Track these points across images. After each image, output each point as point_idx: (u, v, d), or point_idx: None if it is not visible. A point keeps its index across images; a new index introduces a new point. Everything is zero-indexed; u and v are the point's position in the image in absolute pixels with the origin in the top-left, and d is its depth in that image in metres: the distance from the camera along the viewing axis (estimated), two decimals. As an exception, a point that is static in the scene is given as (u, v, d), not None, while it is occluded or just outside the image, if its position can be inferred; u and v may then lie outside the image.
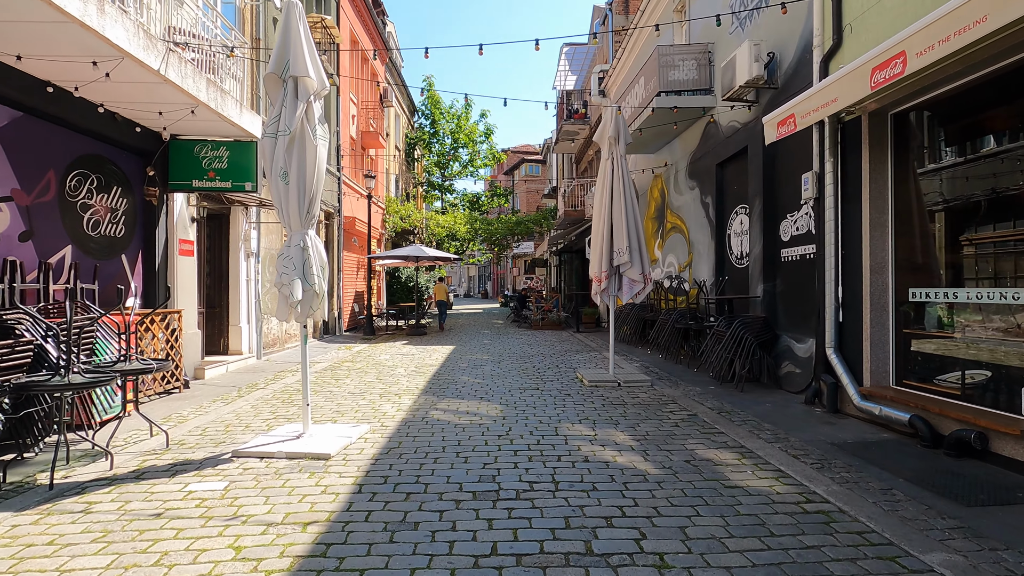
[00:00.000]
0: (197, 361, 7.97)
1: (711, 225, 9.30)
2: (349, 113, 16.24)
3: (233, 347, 9.50)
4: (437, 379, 7.91)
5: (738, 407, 5.95)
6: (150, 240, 7.30)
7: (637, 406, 6.08)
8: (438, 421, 5.44)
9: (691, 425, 5.25)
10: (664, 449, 4.49)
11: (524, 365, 9.25)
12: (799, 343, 6.57)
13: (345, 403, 6.33)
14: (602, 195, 7.62)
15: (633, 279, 7.47)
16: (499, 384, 7.48)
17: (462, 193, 28.85)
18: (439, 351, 11.31)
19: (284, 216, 4.62)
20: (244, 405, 6.27)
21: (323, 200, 13.70)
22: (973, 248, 4.65)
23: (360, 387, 7.34)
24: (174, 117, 6.40)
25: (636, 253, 7.39)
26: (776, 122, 5.47)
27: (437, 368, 8.97)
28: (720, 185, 9.07)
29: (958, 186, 4.80)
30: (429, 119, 26.94)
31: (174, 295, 7.55)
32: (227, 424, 5.42)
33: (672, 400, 6.38)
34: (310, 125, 4.59)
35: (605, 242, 7.51)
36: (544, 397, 6.58)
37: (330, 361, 9.88)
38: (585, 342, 12.96)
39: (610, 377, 7.48)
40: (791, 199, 6.98)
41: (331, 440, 4.59)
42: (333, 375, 8.33)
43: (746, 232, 8.21)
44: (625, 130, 7.57)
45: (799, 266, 6.75)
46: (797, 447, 4.52)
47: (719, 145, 8.91)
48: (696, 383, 7.37)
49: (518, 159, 49.03)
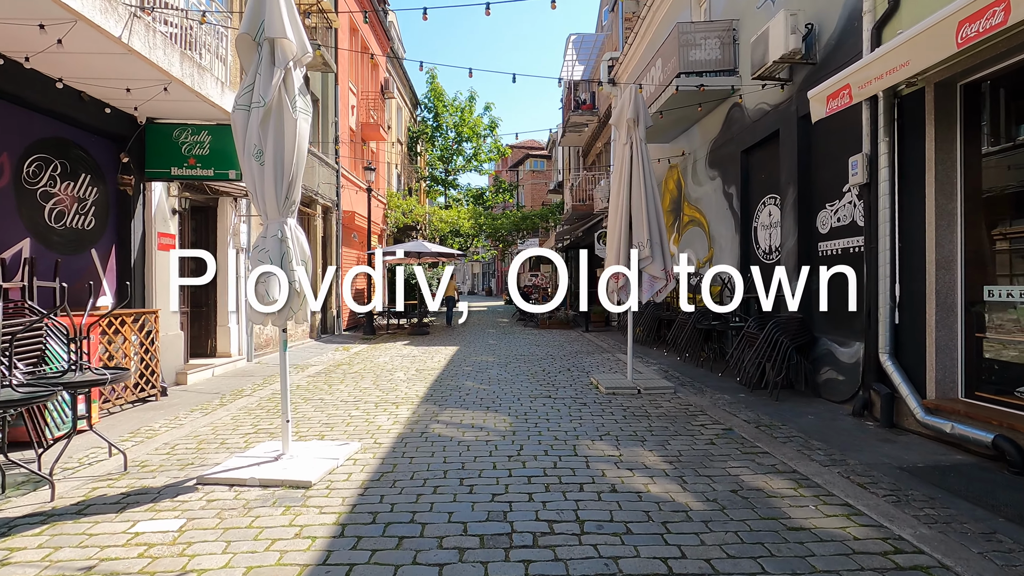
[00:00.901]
0: (179, 365, 7.34)
1: (735, 217, 8.60)
2: (348, 103, 15.59)
3: (221, 349, 8.88)
4: (439, 385, 7.26)
5: (777, 420, 5.28)
6: (125, 233, 6.66)
7: (663, 418, 5.41)
8: (439, 437, 4.78)
9: (728, 443, 4.58)
10: (703, 475, 3.83)
11: (533, 368, 8.59)
12: (842, 347, 5.89)
13: (336, 414, 5.68)
14: (619, 184, 6.95)
15: (654, 276, 6.80)
16: (507, 391, 6.82)
17: (466, 188, 28.18)
18: (442, 352, 10.67)
19: (259, 202, 3.97)
20: (224, 416, 5.64)
21: (320, 193, 13.08)
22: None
23: (355, 394, 6.69)
24: (145, 95, 5.75)
25: (658, 247, 6.72)
26: (826, 95, 4.78)
27: (439, 372, 8.32)
28: (746, 174, 8.37)
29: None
30: (432, 112, 26.25)
31: (152, 293, 6.91)
32: (200, 440, 4.78)
33: (700, 410, 5.71)
34: (289, 96, 3.93)
35: (623, 236, 6.84)
36: (557, 407, 5.92)
37: (325, 364, 9.25)
38: (596, 342, 12.29)
39: (629, 383, 6.81)
40: (831, 187, 6.29)
41: (314, 463, 3.94)
42: (327, 380, 7.69)
43: (776, 224, 7.52)
44: (645, 111, 6.88)
45: (842, 261, 6.06)
46: (860, 472, 3.84)
47: (745, 130, 8.21)
48: (723, 390, 6.70)
49: (522, 155, 48.27)
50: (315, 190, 12.68)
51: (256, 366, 8.93)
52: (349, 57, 15.93)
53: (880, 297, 5.08)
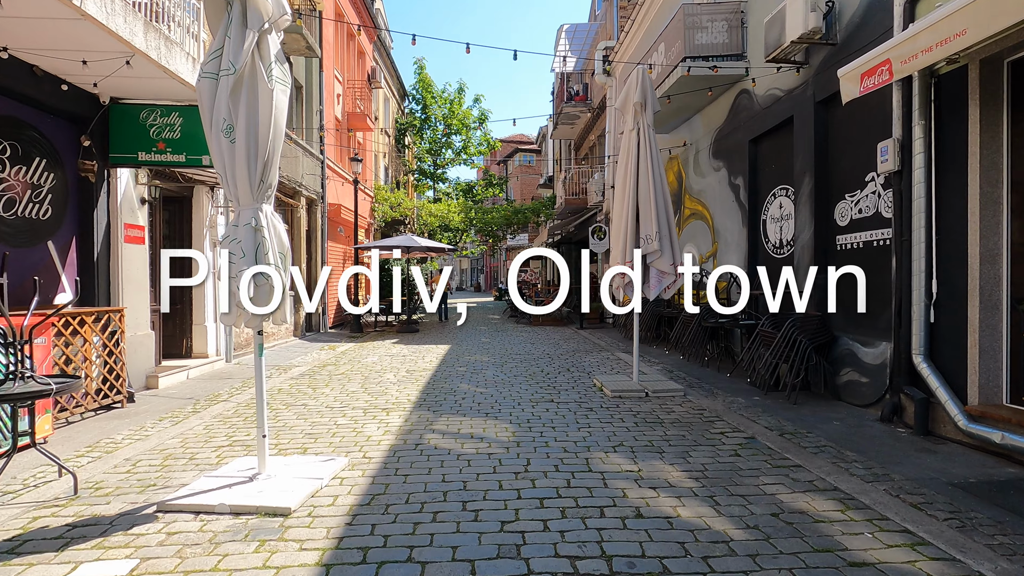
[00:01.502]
0: (149, 367, 6.78)
1: (742, 210, 8.20)
2: (334, 91, 14.97)
3: (198, 349, 8.31)
4: (432, 388, 6.78)
5: (801, 426, 4.88)
6: (87, 225, 6.08)
7: (677, 425, 4.99)
8: (436, 450, 4.31)
9: (754, 454, 4.16)
10: (736, 494, 3.40)
11: (531, 369, 8.14)
12: (866, 347, 5.51)
13: (321, 422, 5.18)
14: (626, 173, 6.50)
15: (662, 271, 6.37)
16: (506, 394, 6.36)
17: (455, 182, 27.60)
18: (433, 352, 10.17)
19: (230, 186, 3.46)
20: (197, 425, 5.11)
21: (305, 185, 12.48)
22: None
23: (341, 399, 6.19)
24: (105, 69, 5.17)
25: (667, 240, 6.29)
26: (860, 73, 4.36)
27: (432, 373, 7.84)
28: (754, 164, 7.97)
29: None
30: (420, 104, 25.61)
31: (118, 290, 6.34)
32: (167, 455, 4.26)
33: (716, 416, 5.30)
34: (263, 63, 3.42)
35: (629, 228, 6.40)
36: (562, 412, 5.47)
37: (310, 364, 8.71)
38: (592, 340, 11.88)
39: (635, 386, 6.39)
40: (851, 176, 5.90)
41: (294, 484, 3.45)
42: (311, 382, 7.17)
43: (788, 217, 7.13)
44: (653, 95, 6.43)
45: (863, 255, 5.68)
46: (909, 490, 3.44)
47: (753, 118, 7.80)
48: (735, 392, 6.30)
49: (512, 149, 47.72)
50: (299, 181, 12.09)
51: (235, 367, 8.37)
52: (335, 44, 15.30)
53: (914, 294, 4.69)
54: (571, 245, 22.94)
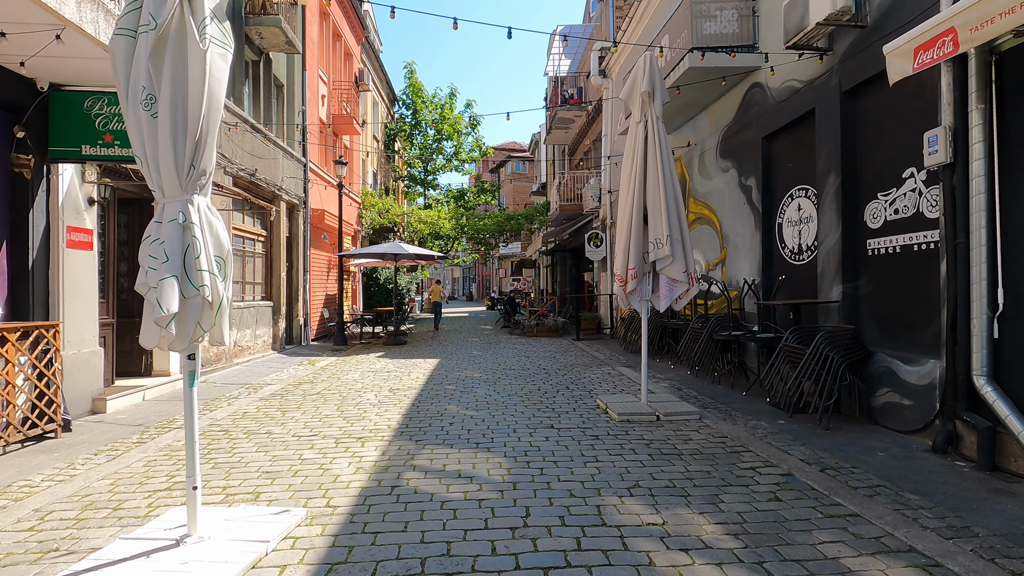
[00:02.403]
0: (96, 389, 6.00)
1: (755, 213, 7.57)
2: (318, 92, 14.29)
3: (158, 367, 7.53)
4: (417, 410, 6.04)
5: (841, 458, 4.20)
6: (21, 227, 5.32)
7: (698, 457, 4.30)
8: (415, 494, 3.58)
9: (798, 497, 3.47)
10: (790, 558, 2.70)
11: (527, 387, 7.42)
12: (908, 364, 4.85)
13: (283, 456, 4.43)
14: (632, 171, 5.85)
15: (674, 279, 5.71)
16: (499, 418, 5.64)
17: (446, 189, 26.92)
18: (420, 367, 9.43)
19: (150, 171, 2.75)
20: (137, 460, 4.35)
21: (285, 189, 11.75)
22: None
23: (312, 425, 5.44)
24: (31, 45, 4.46)
25: (679, 245, 5.63)
26: (914, 47, 3.73)
27: (417, 392, 7.10)
28: (768, 163, 7.36)
29: None
30: (411, 109, 24.98)
31: (58, 301, 5.57)
32: (88, 503, 3.51)
33: (741, 444, 4.61)
34: (195, 17, 2.72)
35: (635, 232, 5.74)
36: (564, 441, 4.76)
37: (284, 382, 7.95)
38: (590, 353, 11.18)
39: (644, 408, 5.70)
40: (884, 173, 5.28)
41: (231, 550, 2.72)
42: (281, 404, 6.41)
43: (808, 219, 6.50)
44: (662, 83, 5.80)
45: (901, 260, 5.04)
46: (1003, 550, 2.76)
47: (768, 113, 7.19)
48: (756, 414, 5.62)
49: (504, 156, 47.24)
50: (278, 184, 11.36)
51: (201, 386, 7.57)
52: (319, 43, 14.64)
53: (973, 305, 4.04)
54: (565, 253, 22.32)
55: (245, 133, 9.93)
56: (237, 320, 9.77)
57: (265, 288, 11.46)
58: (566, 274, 23.12)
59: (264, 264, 11.43)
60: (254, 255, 10.95)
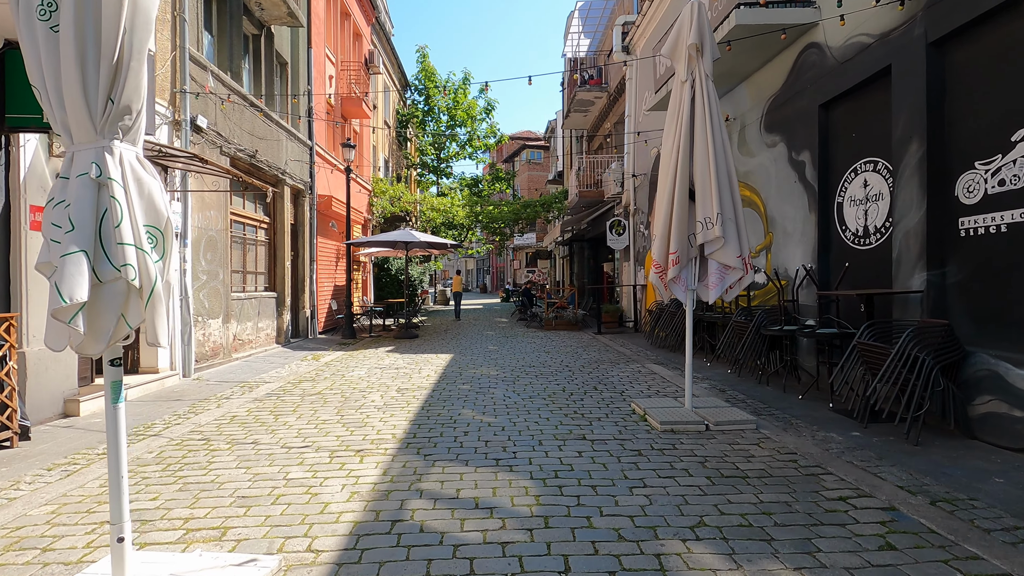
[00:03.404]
0: (69, 389, 5.35)
1: (808, 192, 6.69)
2: (324, 71, 13.56)
3: (146, 363, 6.88)
4: (426, 415, 5.31)
5: (950, 484, 3.37)
6: (-26, 205, 4.67)
7: (769, 482, 3.50)
8: (421, 534, 2.83)
9: (916, 545, 2.66)
10: (947, 652, 1.90)
11: (550, 387, 6.65)
12: (1021, 368, 3.98)
13: (266, 475, 3.72)
14: (675, 139, 5.01)
15: (726, 265, 4.89)
16: (522, 425, 4.88)
17: (459, 177, 26.13)
18: (432, 363, 8.70)
19: (52, 107, 2.00)
20: (93, 480, 3.67)
21: (289, 173, 11.06)
22: None
23: (306, 433, 4.73)
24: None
25: (732, 225, 4.81)
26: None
27: (428, 393, 6.37)
28: (825, 134, 6.46)
29: None
30: (423, 95, 24.17)
31: (19, 291, 4.91)
32: (12, 543, 2.81)
33: (817, 464, 3.80)
34: None
35: (678, 211, 4.91)
36: (601, 458, 3.98)
37: (284, 380, 7.26)
38: (615, 348, 10.37)
39: (689, 414, 4.90)
40: (984, 138, 4.39)
41: (167, 629, 1.99)
42: (276, 407, 5.72)
43: (878, 197, 5.62)
44: (712, 36, 4.94)
45: (1008, 241, 4.16)
46: None
47: (827, 76, 6.29)
48: (820, 423, 4.80)
49: (519, 145, 46.29)
50: (281, 168, 10.66)
51: (192, 384, 6.94)
52: (326, 20, 13.89)
53: None
54: (584, 243, 21.45)
55: (244, 111, 9.23)
56: (237, 312, 9.12)
57: (268, 278, 10.81)
58: (584, 265, 22.26)
59: (267, 252, 10.77)
60: (256, 243, 10.28)
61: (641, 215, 13.69)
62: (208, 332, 8.08)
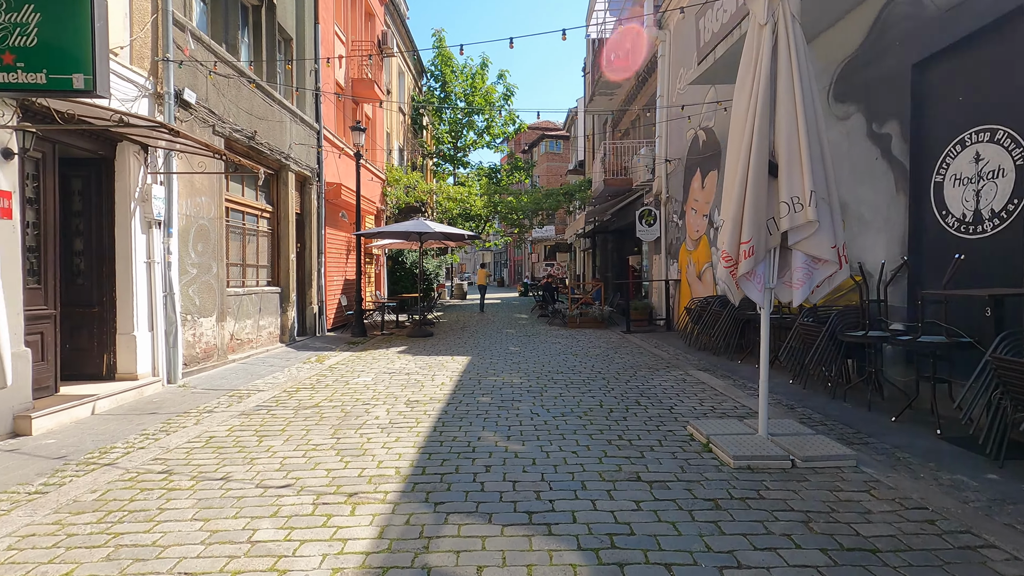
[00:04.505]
0: (20, 403, 4.53)
1: (896, 170, 5.60)
2: (334, 50, 12.67)
3: (123, 368, 6.07)
4: (439, 440, 4.38)
5: None
6: None
7: (908, 560, 2.50)
8: (426, 658, 1.90)
9: None
10: None
11: (584, 400, 5.69)
12: None
13: (224, 535, 2.82)
14: (751, 98, 3.98)
15: (817, 257, 3.86)
16: (556, 457, 3.93)
17: (477, 167, 25.15)
18: (447, 367, 7.79)
19: None
20: (5, 537, 2.80)
21: (294, 158, 10.21)
22: None
23: (291, 463, 3.84)
24: None
25: (826, 208, 3.78)
26: None
27: (441, 407, 5.45)
28: (920, 99, 5.36)
29: None
30: (439, 81, 23.22)
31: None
32: None
33: (965, 527, 2.79)
34: None
35: (753, 189, 3.89)
36: (667, 513, 3.01)
37: (280, 387, 6.41)
38: (648, 350, 9.37)
39: (768, 447, 3.90)
40: None
41: None
42: (262, 426, 4.84)
43: (997, 174, 4.52)
44: (801, -33, 3.90)
45: None
46: None
47: (921, 29, 5.19)
48: (936, 457, 3.78)
49: (537, 135, 45.17)
50: (284, 151, 9.80)
51: (175, 392, 6.11)
52: (336, -4, 12.98)
53: None
54: (607, 235, 20.33)
55: (241, 88, 8.37)
56: (234, 309, 8.31)
57: (271, 272, 9.99)
58: (607, 258, 21.17)
59: (270, 244, 9.94)
60: (257, 233, 9.46)
61: (675, 203, 12.60)
62: (200, 332, 7.27)
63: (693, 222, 11.37)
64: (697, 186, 11.17)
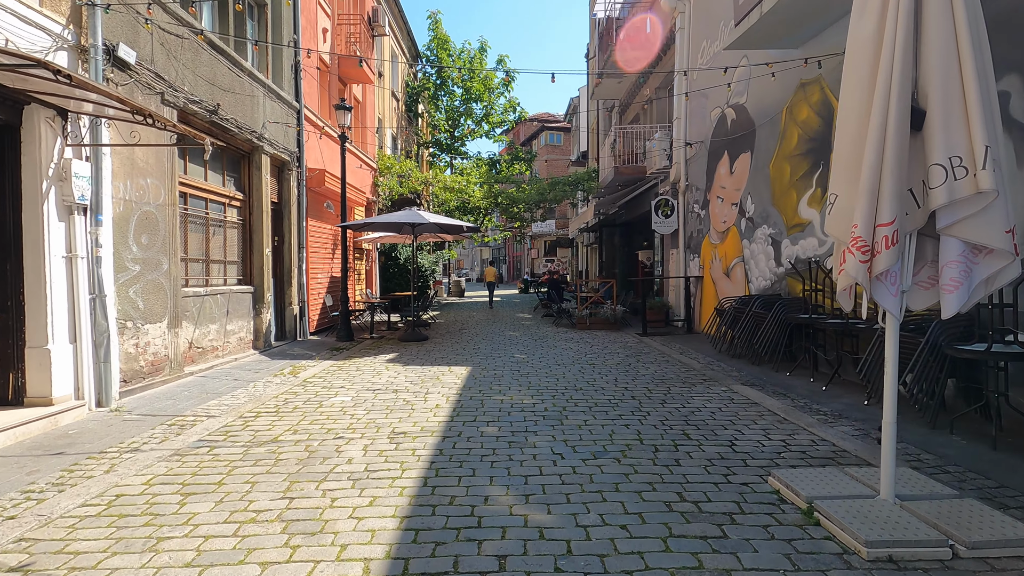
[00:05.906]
0: None
1: (1015, 136, 4.38)
2: (317, 22, 11.36)
3: (35, 390, 4.82)
4: (429, 504, 3.15)
5: None
6: None
7: None
8: None
9: None
10: None
11: (618, 430, 4.46)
12: None
13: None
14: (880, 26, 2.74)
15: (980, 245, 2.64)
16: (600, 538, 2.71)
17: (475, 156, 23.87)
18: (442, 381, 6.56)
19: None
20: None
21: (268, 139, 8.94)
22: None
23: (212, 552, 2.61)
24: None
25: (1000, 174, 2.55)
26: None
27: (435, 444, 4.22)
28: (1057, 43, 4.13)
29: None
30: (435, 66, 21.92)
31: None
32: None
33: None
34: None
35: (894, 148, 2.67)
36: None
37: (236, 410, 5.17)
38: (673, 356, 8.16)
39: (914, 524, 2.69)
40: None
41: None
42: (193, 476, 3.61)
43: None
44: None
45: None
46: None
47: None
48: None
49: (537, 127, 43.83)
50: (255, 131, 8.53)
51: (102, 421, 4.86)
52: (319, -38, 11.66)
53: None
54: (614, 228, 19.09)
55: (200, 52, 7.09)
56: (193, 313, 7.06)
57: (243, 268, 8.73)
58: (614, 253, 19.93)
59: (241, 237, 8.68)
60: (224, 224, 8.19)
61: (695, 192, 11.37)
62: (145, 341, 6.02)
63: (719, 212, 10.15)
64: (724, 171, 9.94)
